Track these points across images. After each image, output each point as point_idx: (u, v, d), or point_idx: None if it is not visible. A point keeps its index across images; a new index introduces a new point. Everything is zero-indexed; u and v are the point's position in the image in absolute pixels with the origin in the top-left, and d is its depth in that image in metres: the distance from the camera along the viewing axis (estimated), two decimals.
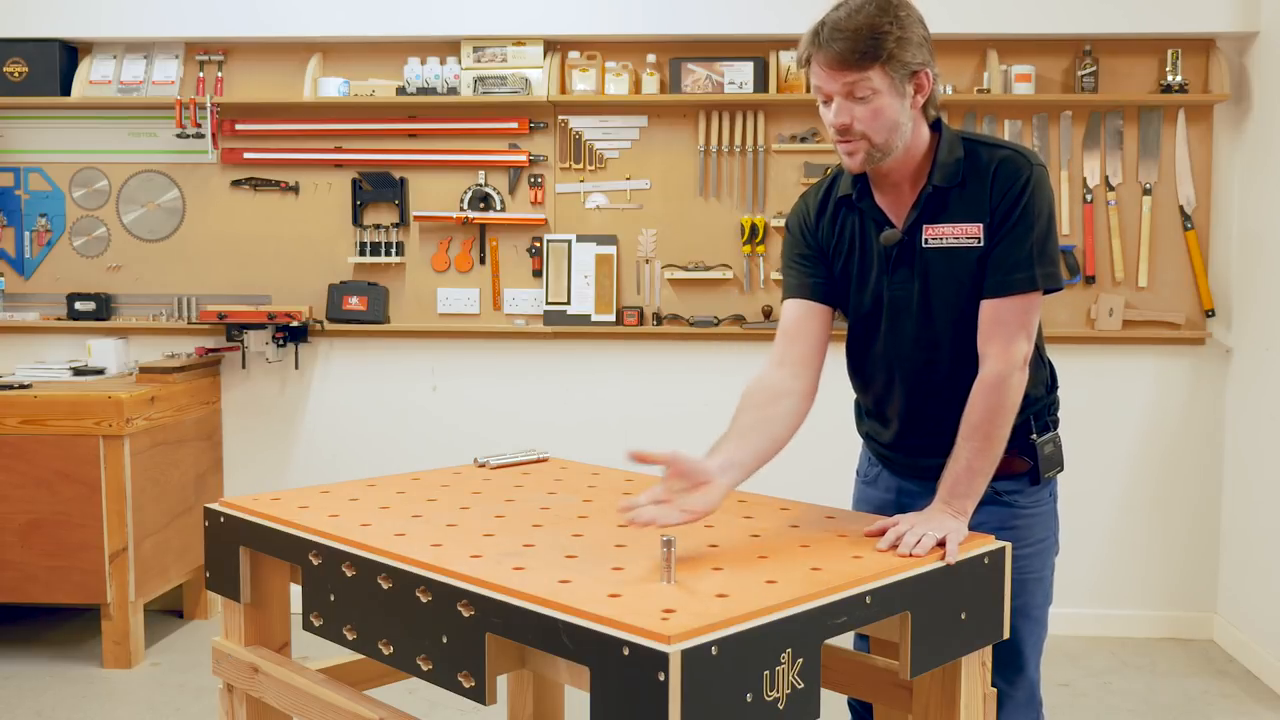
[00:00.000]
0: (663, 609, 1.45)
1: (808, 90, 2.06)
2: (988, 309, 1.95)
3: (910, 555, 1.75)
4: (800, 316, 2.07)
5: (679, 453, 1.76)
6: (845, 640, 1.86)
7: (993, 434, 1.91)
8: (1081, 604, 4.25)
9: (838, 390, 2.28)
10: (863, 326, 2.09)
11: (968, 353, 1.98)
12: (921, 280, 1.99)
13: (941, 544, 1.78)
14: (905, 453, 2.15)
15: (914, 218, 1.99)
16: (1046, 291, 1.97)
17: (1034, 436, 2.08)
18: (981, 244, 1.95)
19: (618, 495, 2.18)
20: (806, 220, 2.11)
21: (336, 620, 1.80)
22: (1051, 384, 2.16)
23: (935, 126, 2.01)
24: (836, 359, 2.23)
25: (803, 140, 4.20)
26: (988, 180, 1.95)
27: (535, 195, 4.30)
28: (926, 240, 1.98)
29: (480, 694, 1.56)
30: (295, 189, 4.38)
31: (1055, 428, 2.15)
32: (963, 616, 1.78)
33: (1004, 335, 1.93)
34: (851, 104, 1.89)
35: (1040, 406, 2.10)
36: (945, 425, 1.99)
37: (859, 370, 2.16)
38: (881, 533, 1.85)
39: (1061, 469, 2.16)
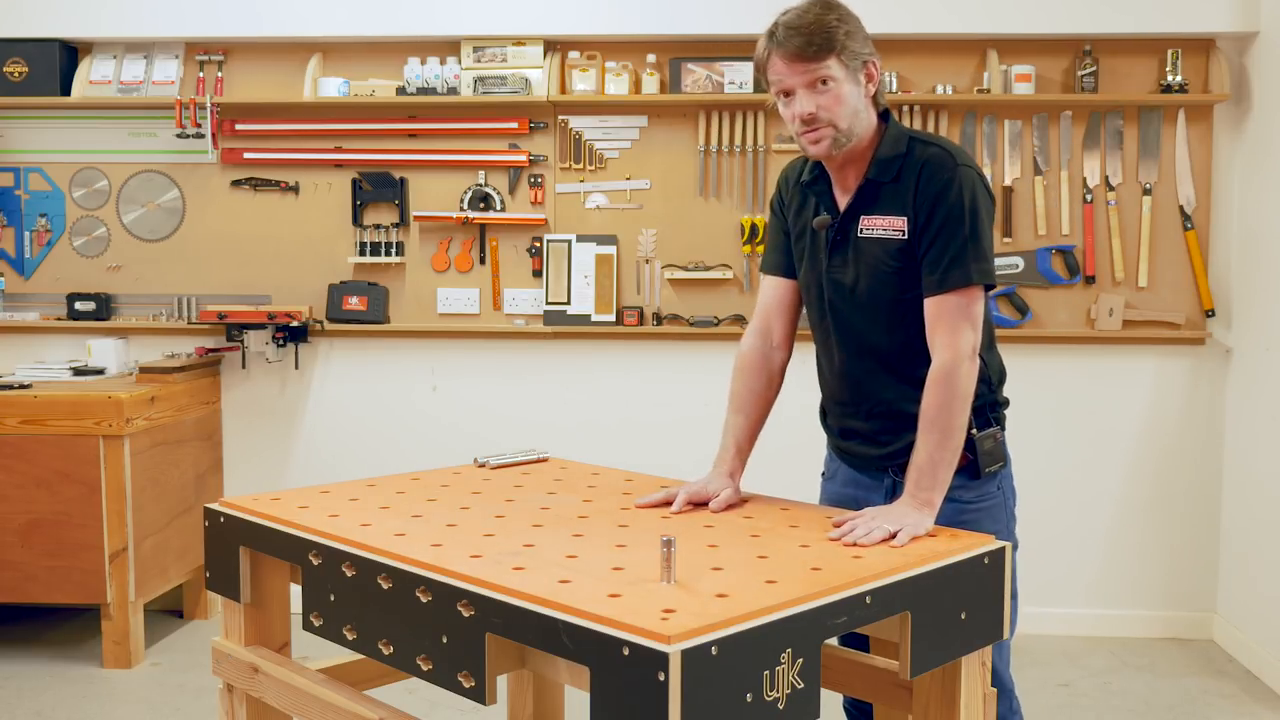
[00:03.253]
0: (663, 609, 1.45)
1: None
2: (931, 306, 2.04)
3: (857, 545, 1.81)
4: (774, 291, 2.27)
5: (682, 489, 2.07)
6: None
7: (950, 424, 1.99)
8: (1081, 604, 4.25)
9: None
10: (813, 307, 2.22)
11: (898, 342, 2.10)
12: (855, 267, 2.10)
13: (893, 536, 1.84)
14: (845, 437, 2.25)
15: (849, 206, 2.12)
16: (988, 289, 2.06)
17: (973, 431, 2.11)
18: (904, 237, 2.05)
19: (618, 495, 2.18)
20: (782, 195, 2.27)
21: (336, 620, 1.80)
22: (996, 382, 2.19)
23: (885, 118, 2.12)
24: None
25: None
26: (914, 177, 2.05)
27: (535, 195, 4.30)
28: (862, 230, 2.10)
29: (480, 694, 1.56)
30: (295, 189, 4.38)
31: (998, 424, 2.18)
32: (963, 616, 1.78)
33: (948, 327, 2.01)
34: (814, 94, 2.01)
35: (980, 403, 2.13)
36: (878, 412, 2.13)
37: (817, 351, 2.28)
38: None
39: (1004, 464, 2.18)
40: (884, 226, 2.07)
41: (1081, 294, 4.16)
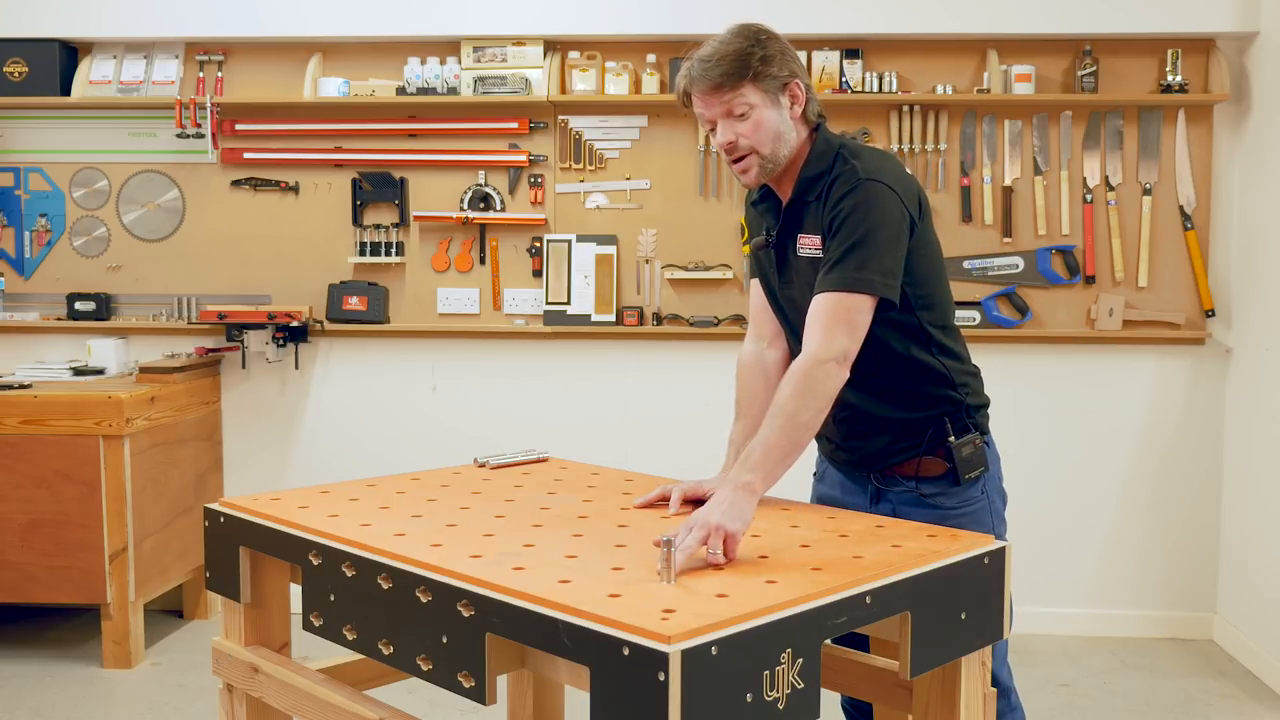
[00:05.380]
0: (663, 609, 1.45)
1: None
2: (813, 304, 2.01)
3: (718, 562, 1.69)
4: (760, 293, 2.28)
5: (677, 487, 2.06)
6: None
7: (795, 416, 1.92)
8: (1081, 604, 4.25)
9: None
10: (778, 319, 2.25)
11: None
12: (797, 285, 2.12)
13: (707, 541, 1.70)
14: (825, 442, 2.28)
15: (778, 227, 2.13)
16: (883, 305, 2.00)
17: (951, 439, 2.11)
18: (823, 255, 2.05)
19: (618, 495, 2.18)
20: (747, 211, 2.30)
21: (336, 620, 1.80)
22: (966, 388, 2.17)
23: (818, 130, 2.11)
24: None
25: None
26: (827, 194, 2.04)
27: (535, 195, 4.30)
28: (798, 249, 2.11)
29: (480, 694, 1.56)
30: (295, 189, 4.38)
31: (978, 431, 2.16)
32: (963, 616, 1.78)
33: (821, 326, 1.97)
34: (733, 122, 2.03)
35: (953, 409, 2.13)
36: (843, 417, 2.13)
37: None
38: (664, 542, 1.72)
39: (986, 470, 2.16)
40: (809, 245, 2.08)
41: (1081, 294, 4.16)
